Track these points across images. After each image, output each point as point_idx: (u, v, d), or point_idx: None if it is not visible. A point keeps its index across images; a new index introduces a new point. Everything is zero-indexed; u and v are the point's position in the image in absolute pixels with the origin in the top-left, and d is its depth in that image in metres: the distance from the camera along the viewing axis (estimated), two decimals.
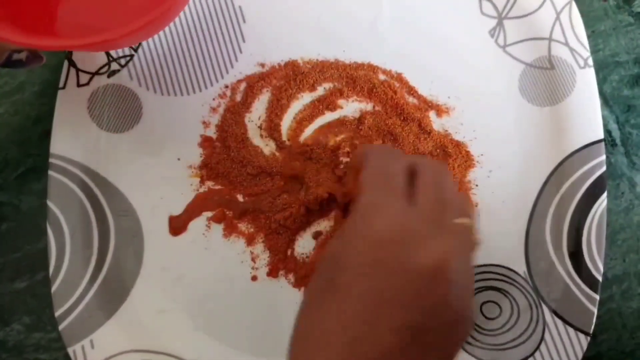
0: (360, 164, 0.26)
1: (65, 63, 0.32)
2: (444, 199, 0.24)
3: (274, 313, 0.30)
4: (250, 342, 0.30)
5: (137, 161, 0.32)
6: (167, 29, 0.33)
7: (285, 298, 0.30)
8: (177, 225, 0.31)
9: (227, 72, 0.33)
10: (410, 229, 0.22)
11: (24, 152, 0.34)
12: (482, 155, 0.32)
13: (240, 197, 0.32)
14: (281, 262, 0.31)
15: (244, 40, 0.33)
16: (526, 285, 0.30)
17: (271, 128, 0.32)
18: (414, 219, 0.23)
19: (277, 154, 0.32)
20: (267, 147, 0.32)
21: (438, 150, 0.32)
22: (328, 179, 0.31)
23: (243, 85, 0.33)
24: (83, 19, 0.29)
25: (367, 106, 0.33)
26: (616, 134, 0.34)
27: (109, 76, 0.33)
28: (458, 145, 0.32)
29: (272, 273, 0.31)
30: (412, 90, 0.33)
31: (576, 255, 0.30)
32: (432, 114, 0.33)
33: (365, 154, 0.26)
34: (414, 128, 0.32)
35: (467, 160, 0.32)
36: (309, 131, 0.32)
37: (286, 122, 0.33)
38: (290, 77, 0.33)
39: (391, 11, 0.34)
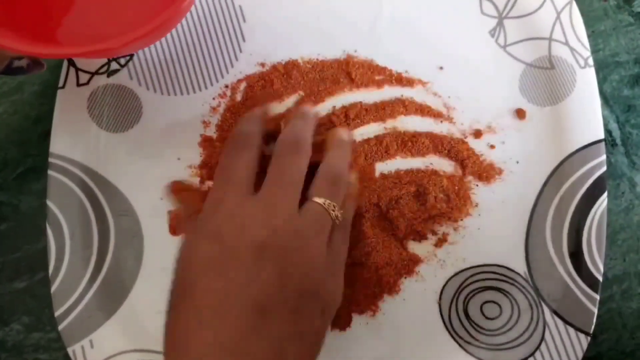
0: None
1: (65, 62, 0.32)
2: (288, 182, 0.25)
3: None
4: None
5: (137, 161, 0.32)
6: None
7: None
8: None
9: (227, 71, 0.33)
10: (245, 218, 0.24)
11: (24, 152, 0.34)
12: (482, 155, 0.32)
13: None
14: None
15: (244, 40, 0.33)
16: (526, 285, 0.30)
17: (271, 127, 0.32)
18: (250, 207, 0.25)
19: None
20: (267, 147, 0.32)
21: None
22: None
23: (243, 85, 0.33)
24: (83, 26, 0.29)
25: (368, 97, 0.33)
26: (616, 133, 0.34)
27: (108, 76, 0.33)
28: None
29: None
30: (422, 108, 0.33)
31: (576, 255, 0.30)
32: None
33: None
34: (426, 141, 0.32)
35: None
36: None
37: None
38: (290, 77, 0.33)
39: (391, 11, 0.34)
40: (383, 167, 0.32)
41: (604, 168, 0.31)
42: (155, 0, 0.28)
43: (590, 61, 0.32)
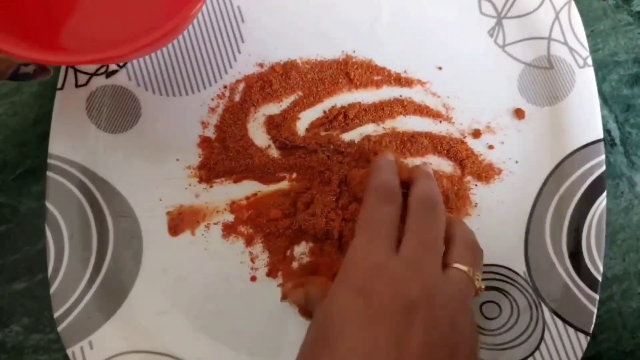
0: (360, 191, 0.27)
1: None
2: (431, 242, 0.25)
3: (273, 313, 0.30)
4: (249, 343, 0.30)
5: (135, 162, 0.32)
6: None
7: None
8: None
9: (226, 72, 0.33)
10: (393, 275, 0.23)
11: (23, 153, 0.34)
12: (481, 155, 0.32)
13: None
14: (280, 263, 0.31)
15: (242, 41, 0.33)
16: (526, 285, 0.30)
17: (270, 128, 0.32)
18: (396, 265, 0.24)
19: (276, 154, 0.32)
20: (268, 148, 0.32)
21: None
22: (330, 209, 0.30)
23: (242, 86, 0.33)
24: (89, 31, 0.29)
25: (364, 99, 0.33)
26: (615, 133, 0.34)
27: (107, 77, 0.33)
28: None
29: (272, 273, 0.31)
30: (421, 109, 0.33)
31: (576, 255, 0.30)
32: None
33: (365, 188, 0.27)
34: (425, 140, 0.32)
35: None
36: (302, 127, 0.32)
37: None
38: (288, 77, 0.33)
39: (390, 11, 0.34)
40: None
41: (603, 168, 0.31)
42: (162, 5, 0.28)
43: (589, 61, 0.32)
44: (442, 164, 0.32)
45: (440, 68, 0.33)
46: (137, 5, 0.29)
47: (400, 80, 0.33)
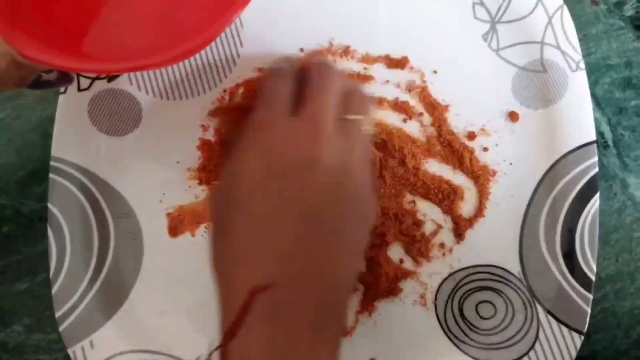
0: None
1: None
2: (327, 102, 0.26)
3: None
4: None
5: (136, 164, 0.32)
6: None
7: None
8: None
9: (226, 76, 0.34)
10: (292, 136, 0.25)
11: (25, 156, 0.34)
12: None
13: None
14: None
15: (242, 45, 0.34)
16: (520, 285, 0.31)
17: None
18: (296, 127, 0.26)
19: None
20: None
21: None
22: None
23: (241, 90, 0.33)
24: (114, 38, 0.26)
25: None
26: (608, 135, 0.35)
27: (109, 81, 0.33)
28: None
29: None
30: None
31: (570, 255, 0.31)
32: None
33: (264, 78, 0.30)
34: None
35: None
36: None
37: None
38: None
39: (386, 15, 0.34)
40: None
41: (596, 169, 0.31)
42: (200, 9, 0.26)
43: (582, 64, 0.33)
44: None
45: (435, 72, 0.33)
46: (174, 9, 0.26)
47: (399, 85, 0.34)
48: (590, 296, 0.30)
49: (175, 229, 0.32)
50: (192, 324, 0.30)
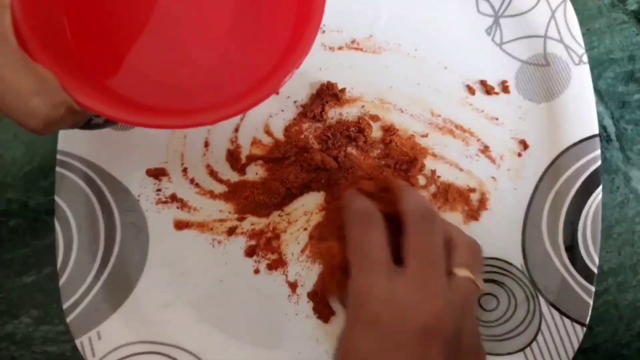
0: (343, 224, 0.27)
1: None
2: (434, 256, 0.24)
3: (276, 305, 0.31)
4: (253, 334, 0.31)
5: (142, 157, 0.33)
6: None
7: (287, 291, 0.31)
8: None
9: None
10: (401, 301, 0.23)
11: (31, 150, 0.34)
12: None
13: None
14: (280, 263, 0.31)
15: None
16: (523, 278, 0.31)
17: (268, 130, 0.33)
18: (403, 292, 0.23)
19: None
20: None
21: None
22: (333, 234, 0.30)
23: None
24: (168, 90, 0.25)
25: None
26: (611, 129, 0.35)
27: None
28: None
29: (273, 266, 0.31)
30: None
31: (572, 248, 0.31)
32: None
33: (344, 221, 0.27)
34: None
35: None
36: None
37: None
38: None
39: (389, 12, 0.34)
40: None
41: (599, 162, 0.31)
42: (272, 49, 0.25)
43: (585, 58, 0.33)
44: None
45: (438, 66, 0.34)
46: (242, 57, 0.26)
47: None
48: (593, 289, 0.30)
49: (180, 223, 0.32)
50: (196, 316, 0.31)
